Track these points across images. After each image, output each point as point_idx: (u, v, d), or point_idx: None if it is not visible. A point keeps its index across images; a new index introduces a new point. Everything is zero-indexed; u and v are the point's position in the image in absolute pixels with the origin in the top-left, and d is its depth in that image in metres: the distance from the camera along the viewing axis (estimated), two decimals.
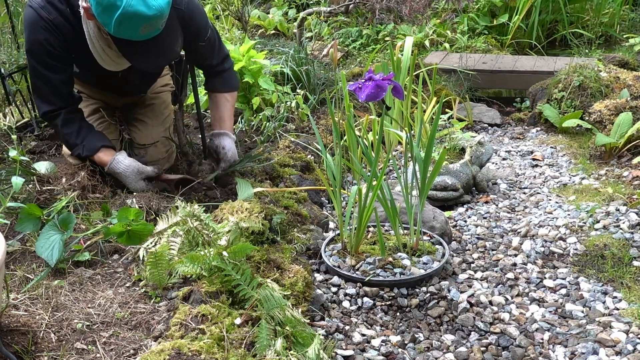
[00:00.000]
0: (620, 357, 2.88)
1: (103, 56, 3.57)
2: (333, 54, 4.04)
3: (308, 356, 2.49)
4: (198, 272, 2.82)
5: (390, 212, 3.51)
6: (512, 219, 4.35)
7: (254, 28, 9.50)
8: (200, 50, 3.94)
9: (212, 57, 4.05)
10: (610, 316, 3.20)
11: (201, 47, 3.91)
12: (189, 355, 2.33)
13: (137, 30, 3.22)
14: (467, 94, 6.90)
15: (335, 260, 3.57)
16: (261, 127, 5.18)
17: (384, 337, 3.07)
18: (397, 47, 5.62)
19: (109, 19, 3.16)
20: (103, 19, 3.20)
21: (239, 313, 2.68)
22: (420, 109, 4.59)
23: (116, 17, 3.13)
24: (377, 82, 3.08)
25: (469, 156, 4.81)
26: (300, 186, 4.28)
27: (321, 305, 3.23)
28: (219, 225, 3.13)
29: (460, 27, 8.73)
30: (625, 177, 4.76)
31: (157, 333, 2.60)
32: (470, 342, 3.06)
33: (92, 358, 2.44)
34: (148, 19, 3.17)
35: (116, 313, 2.70)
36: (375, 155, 3.42)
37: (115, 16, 3.12)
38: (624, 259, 3.67)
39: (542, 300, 3.38)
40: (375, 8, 7.59)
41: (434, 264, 3.52)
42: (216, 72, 4.15)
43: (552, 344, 3.03)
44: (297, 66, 6.03)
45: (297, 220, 3.83)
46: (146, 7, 3.13)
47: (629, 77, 6.06)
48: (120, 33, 3.22)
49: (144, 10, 3.13)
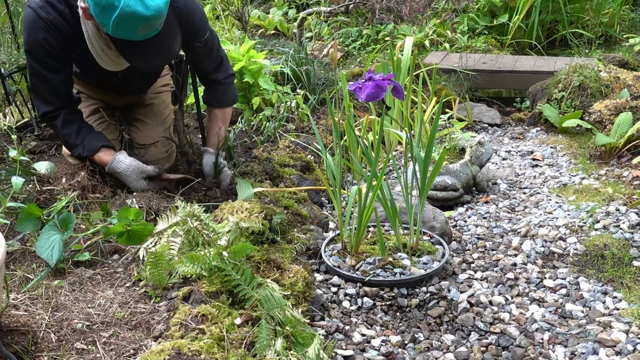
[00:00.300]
0: (620, 357, 2.88)
1: (102, 56, 3.56)
2: (333, 54, 4.04)
3: (308, 356, 2.49)
4: (198, 272, 2.81)
5: (390, 212, 3.51)
6: (512, 219, 4.35)
7: (254, 28, 9.50)
8: (197, 50, 3.91)
9: (207, 61, 4.03)
10: (610, 316, 3.20)
11: (197, 47, 3.88)
12: (189, 355, 2.33)
13: (135, 31, 3.21)
14: (467, 94, 6.90)
15: (335, 260, 3.57)
16: (261, 127, 5.17)
17: (384, 337, 3.07)
18: (397, 47, 5.62)
19: (106, 20, 3.15)
20: (101, 19, 3.19)
21: (239, 313, 2.68)
22: (420, 109, 4.59)
23: (114, 18, 3.12)
24: (377, 82, 3.08)
25: (469, 156, 4.81)
26: (300, 186, 4.28)
27: (321, 305, 3.23)
28: (219, 225, 3.13)
29: (460, 27, 8.73)
30: (625, 177, 4.76)
31: (157, 333, 2.60)
32: (470, 342, 3.06)
33: (92, 358, 2.44)
34: (146, 19, 3.16)
35: (116, 313, 2.70)
36: (375, 155, 3.42)
37: (113, 17, 3.12)
38: (624, 259, 3.67)
39: (542, 300, 3.38)
40: (375, 8, 7.59)
41: (434, 264, 3.52)
42: (211, 82, 4.13)
43: (552, 344, 3.03)
44: (297, 66, 6.03)
45: (297, 220, 3.83)
46: (144, 7, 3.13)
47: (629, 77, 6.06)
48: (118, 33, 3.21)
49: (142, 10, 3.12)
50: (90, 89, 4.14)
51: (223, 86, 4.15)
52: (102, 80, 4.03)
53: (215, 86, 4.14)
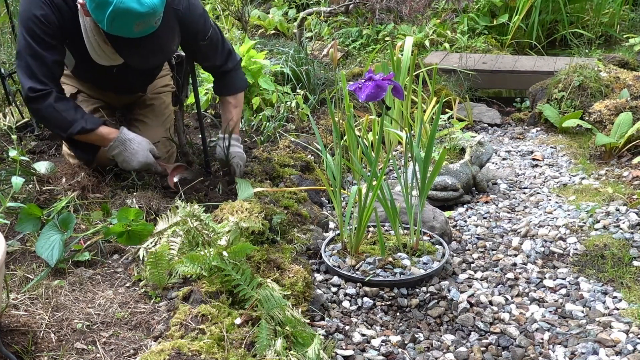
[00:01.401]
0: (620, 357, 2.88)
1: (98, 51, 3.56)
2: (333, 54, 4.04)
3: (308, 356, 2.48)
4: (198, 272, 2.81)
5: (390, 212, 3.51)
6: (512, 219, 4.35)
7: (254, 28, 9.50)
8: (203, 49, 3.92)
9: (214, 57, 4.03)
10: (610, 316, 3.19)
11: (203, 46, 3.89)
12: (189, 355, 2.33)
13: (130, 28, 3.23)
14: (467, 94, 6.90)
15: (335, 260, 3.57)
16: (261, 127, 5.17)
17: (384, 337, 3.07)
18: (397, 47, 5.62)
19: (102, 16, 3.18)
20: (96, 15, 3.22)
21: (239, 313, 2.67)
22: (420, 109, 4.59)
23: (108, 14, 3.15)
24: (377, 82, 3.08)
25: (469, 156, 4.81)
26: (300, 186, 4.28)
27: (321, 305, 3.23)
28: (219, 225, 3.13)
29: (460, 27, 8.73)
30: (625, 177, 4.75)
31: (157, 333, 2.59)
32: (470, 342, 3.06)
33: (92, 358, 2.44)
34: (141, 15, 3.18)
35: (116, 313, 2.70)
36: (375, 155, 3.42)
37: (107, 12, 3.15)
38: (624, 259, 3.66)
39: (542, 300, 3.38)
40: (375, 8, 7.58)
41: (434, 264, 3.52)
42: (221, 74, 4.15)
43: (552, 344, 3.03)
44: (297, 66, 6.02)
45: (297, 220, 3.82)
46: (138, 4, 3.15)
47: (629, 77, 6.06)
48: (113, 30, 3.25)
49: (136, 7, 3.15)
50: (89, 87, 4.13)
51: (234, 73, 4.18)
52: (97, 77, 4.02)
53: (226, 76, 4.17)
